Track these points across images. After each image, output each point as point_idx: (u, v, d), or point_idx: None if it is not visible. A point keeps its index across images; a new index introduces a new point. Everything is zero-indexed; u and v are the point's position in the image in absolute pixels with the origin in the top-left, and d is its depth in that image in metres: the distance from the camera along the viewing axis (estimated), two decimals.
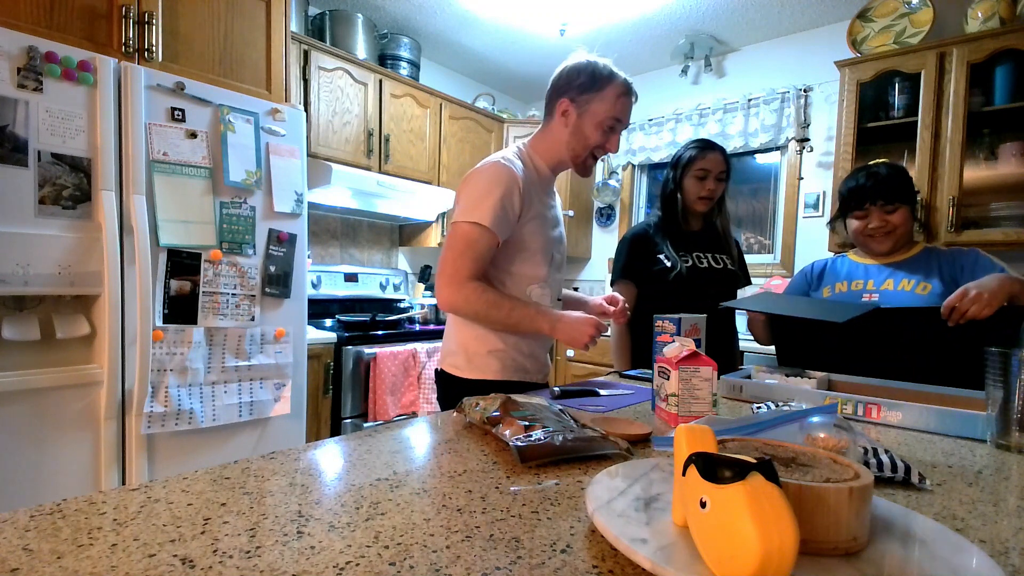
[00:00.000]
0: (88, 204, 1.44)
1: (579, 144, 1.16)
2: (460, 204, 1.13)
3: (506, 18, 2.82)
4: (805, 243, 2.84)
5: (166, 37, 1.69)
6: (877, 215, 1.33)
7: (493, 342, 1.17)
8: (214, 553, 0.41)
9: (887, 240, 1.34)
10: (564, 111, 1.16)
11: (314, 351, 2.08)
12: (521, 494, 0.54)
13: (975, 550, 0.40)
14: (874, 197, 1.32)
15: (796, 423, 0.63)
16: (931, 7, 2.28)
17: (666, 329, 0.97)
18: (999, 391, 0.75)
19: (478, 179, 1.12)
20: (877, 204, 1.32)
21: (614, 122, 1.15)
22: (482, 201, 1.08)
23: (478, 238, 1.08)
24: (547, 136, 1.21)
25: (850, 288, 1.37)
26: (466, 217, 1.09)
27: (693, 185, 1.58)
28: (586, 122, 1.15)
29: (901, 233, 1.33)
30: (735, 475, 0.34)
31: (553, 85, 1.19)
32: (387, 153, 2.67)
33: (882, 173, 1.33)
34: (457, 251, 1.09)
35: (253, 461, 0.61)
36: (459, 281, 1.09)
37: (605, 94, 1.13)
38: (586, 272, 3.74)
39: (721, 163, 1.56)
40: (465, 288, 1.08)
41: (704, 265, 1.58)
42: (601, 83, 1.13)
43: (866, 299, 1.31)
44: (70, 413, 1.45)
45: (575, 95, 1.14)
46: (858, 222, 1.36)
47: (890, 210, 1.32)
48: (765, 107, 2.88)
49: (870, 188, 1.32)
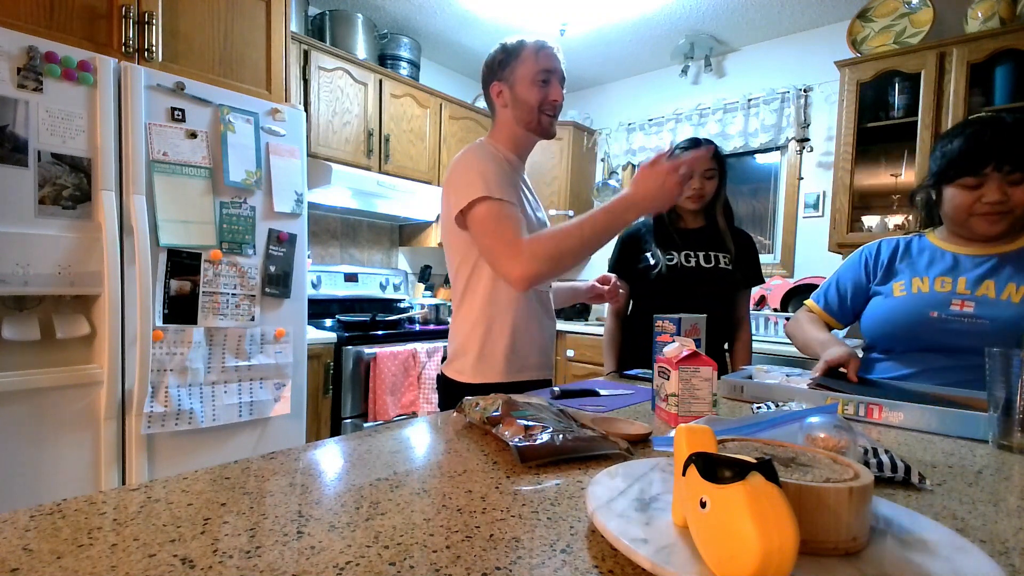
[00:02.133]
0: (88, 204, 1.44)
1: (524, 110, 1.17)
2: (455, 193, 1.10)
3: (506, 18, 2.82)
4: (805, 243, 2.84)
5: (166, 37, 1.69)
6: (997, 185, 0.94)
7: (500, 342, 1.16)
8: (214, 553, 0.41)
9: (1001, 222, 0.98)
10: (499, 92, 1.19)
11: (314, 351, 2.08)
12: (521, 494, 0.54)
13: (975, 550, 0.40)
14: (1000, 158, 0.93)
15: (796, 423, 0.63)
16: (931, 7, 2.28)
17: (666, 329, 0.97)
18: (1001, 392, 0.75)
19: (465, 164, 1.11)
20: (1003, 170, 0.93)
21: (545, 74, 1.15)
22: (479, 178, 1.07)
23: (498, 207, 1.06)
24: (498, 124, 1.23)
25: (933, 288, 1.03)
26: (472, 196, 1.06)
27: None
28: (519, 89, 1.16)
29: (1021, 215, 0.97)
30: (735, 475, 0.34)
31: (482, 82, 1.23)
32: (387, 153, 2.67)
33: (1008, 125, 0.94)
34: (492, 229, 1.05)
35: (253, 461, 0.61)
36: (517, 249, 1.02)
37: (522, 57, 1.15)
38: (586, 272, 3.74)
39: (707, 160, 1.51)
40: (525, 251, 1.02)
41: (691, 264, 1.55)
42: (514, 52, 1.16)
43: (956, 307, 1.00)
44: (70, 413, 1.45)
45: (499, 73, 1.18)
46: (966, 193, 0.98)
47: (1016, 180, 0.94)
48: (765, 107, 2.88)
49: (993, 146, 0.94)
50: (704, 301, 1.51)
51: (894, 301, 1.09)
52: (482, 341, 1.17)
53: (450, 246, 1.20)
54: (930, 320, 1.02)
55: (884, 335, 1.10)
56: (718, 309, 1.56)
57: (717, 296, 1.56)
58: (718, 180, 1.54)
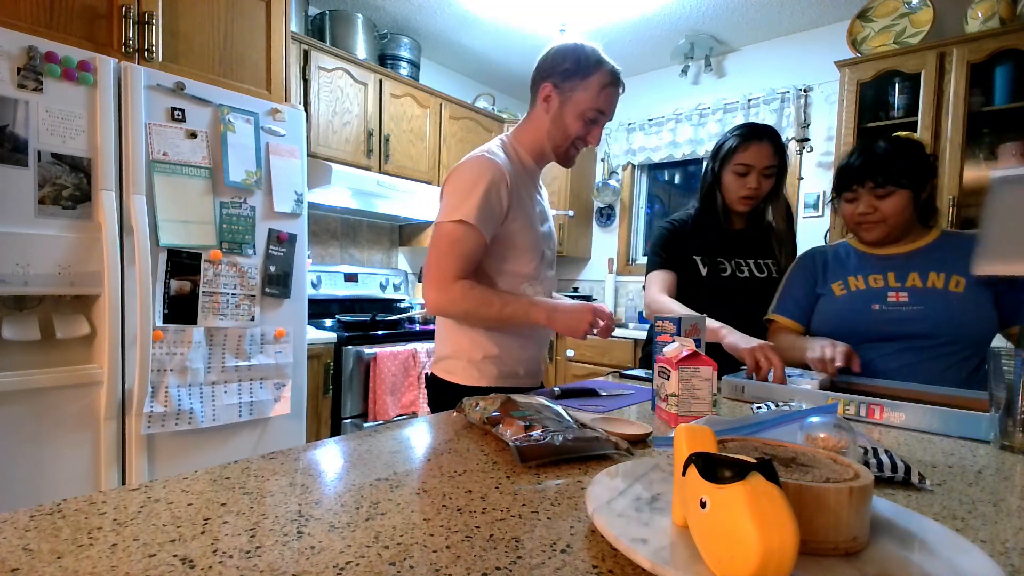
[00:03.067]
0: (88, 204, 1.44)
1: (559, 134, 1.12)
2: (444, 202, 1.09)
3: (506, 18, 2.82)
4: (805, 243, 2.80)
5: (166, 37, 1.69)
6: (866, 199, 1.14)
7: (488, 347, 1.14)
8: (214, 553, 0.41)
9: (875, 230, 1.16)
10: (546, 96, 1.11)
11: (314, 351, 2.08)
12: (521, 494, 0.54)
13: (975, 550, 0.40)
14: (862, 178, 1.13)
15: (796, 423, 0.63)
16: (931, 7, 2.29)
17: (666, 329, 0.97)
18: (1002, 392, 0.75)
19: (462, 175, 1.08)
20: (866, 186, 1.13)
21: (596, 114, 1.10)
22: (466, 198, 1.04)
23: (462, 236, 1.04)
24: (530, 125, 1.16)
25: (868, 285, 1.18)
26: (449, 216, 1.04)
27: (733, 182, 1.35)
28: (567, 111, 1.10)
29: (895, 223, 1.14)
30: (735, 475, 0.34)
31: (537, 68, 1.13)
32: (387, 153, 2.67)
33: (878, 149, 1.13)
34: (442, 251, 1.05)
35: (253, 461, 0.61)
36: (446, 282, 1.04)
37: (589, 82, 1.08)
38: (586, 272, 3.73)
39: (769, 156, 1.32)
40: (452, 289, 1.04)
41: (744, 274, 1.38)
42: (586, 70, 1.08)
43: (893, 299, 1.13)
44: (70, 413, 1.45)
45: (558, 80, 1.10)
46: (847, 206, 1.18)
47: (881, 195, 1.12)
48: (765, 107, 2.88)
49: (858, 167, 1.14)
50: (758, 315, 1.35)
51: (839, 300, 1.21)
52: (471, 344, 1.15)
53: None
54: (873, 312, 1.15)
55: (835, 331, 1.19)
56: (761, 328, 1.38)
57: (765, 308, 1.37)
58: (776, 178, 1.36)
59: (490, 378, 1.15)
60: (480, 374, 1.15)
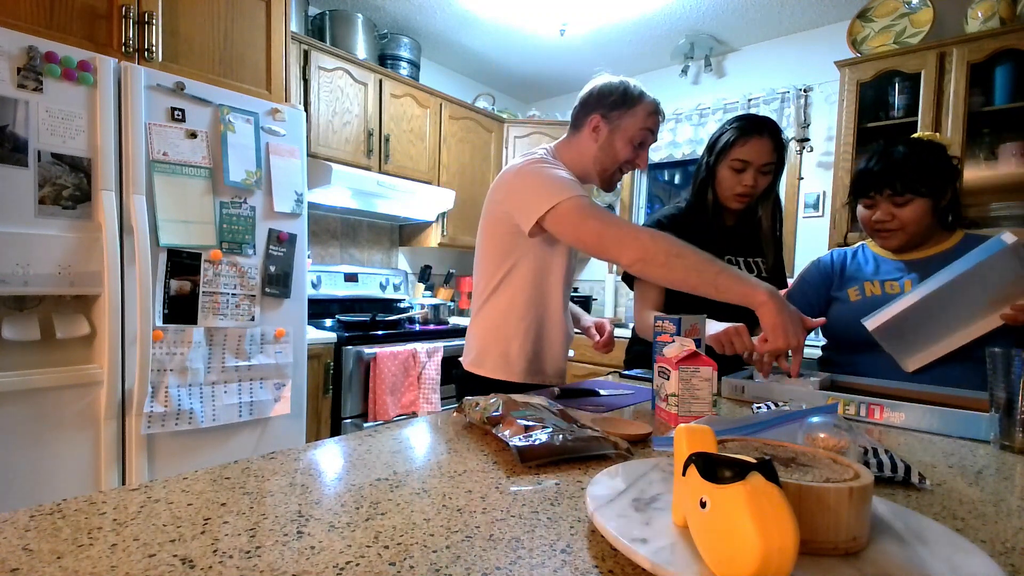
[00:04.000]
0: (88, 204, 1.44)
1: (608, 159, 1.18)
2: (527, 197, 1.06)
3: (506, 18, 2.82)
4: (805, 243, 2.84)
5: (166, 37, 1.69)
6: (884, 207, 1.12)
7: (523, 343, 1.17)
8: (214, 553, 0.41)
9: (893, 238, 1.15)
10: (595, 127, 1.17)
11: (314, 351, 2.08)
12: (521, 494, 0.54)
13: (975, 550, 0.40)
14: (880, 184, 1.11)
15: (796, 423, 0.63)
16: (931, 7, 2.28)
17: (666, 329, 0.97)
18: (1002, 392, 0.75)
19: (533, 171, 1.10)
20: (884, 194, 1.11)
21: (645, 134, 1.17)
22: (556, 182, 1.05)
23: (588, 202, 1.02)
24: (574, 147, 1.21)
25: (884, 291, 1.17)
26: (560, 196, 1.01)
27: (728, 177, 1.30)
28: (617, 137, 1.16)
29: (914, 232, 1.12)
30: (735, 475, 0.34)
31: (583, 101, 1.20)
32: (387, 153, 2.67)
33: (897, 155, 1.11)
34: (589, 216, 0.99)
35: (253, 461, 0.61)
36: (633, 231, 0.98)
37: (636, 111, 1.15)
38: (586, 272, 3.73)
39: (768, 152, 1.27)
40: (646, 233, 0.97)
41: None
42: (632, 101, 1.16)
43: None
44: (70, 413, 1.45)
45: (606, 111, 1.16)
46: (864, 211, 1.17)
47: (900, 203, 1.10)
48: (765, 107, 2.88)
49: (877, 173, 1.12)
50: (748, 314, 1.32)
51: (852, 305, 1.20)
52: (507, 340, 1.18)
53: (491, 245, 1.19)
54: None
55: (846, 337, 1.20)
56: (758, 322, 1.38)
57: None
58: (773, 176, 1.32)
59: (520, 374, 1.18)
60: (510, 368, 1.17)
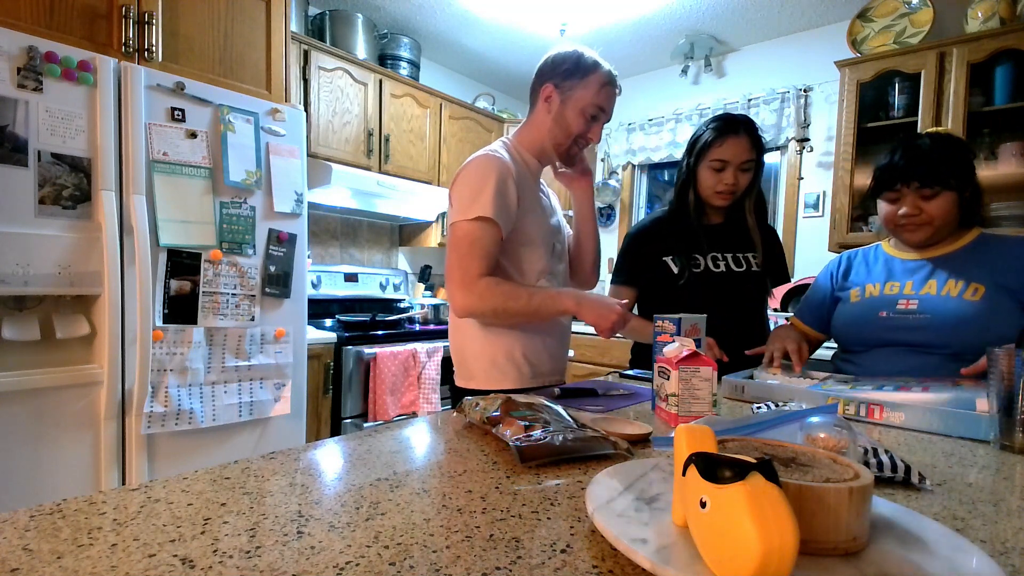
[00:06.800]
0: (88, 204, 1.44)
1: (561, 132, 1.15)
2: (455, 203, 1.10)
3: (506, 18, 2.82)
4: (805, 243, 2.84)
5: (166, 37, 1.69)
6: (911, 200, 1.08)
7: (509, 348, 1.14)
8: (214, 553, 0.41)
9: (919, 232, 1.11)
10: (547, 96, 1.14)
11: (314, 351, 2.08)
12: (521, 494, 0.54)
13: (975, 550, 0.40)
14: (907, 177, 1.07)
15: (796, 423, 0.63)
16: (931, 7, 2.28)
17: (666, 329, 0.97)
18: (1002, 392, 0.75)
19: (469, 174, 1.09)
20: (911, 186, 1.08)
21: (597, 110, 1.13)
22: (479, 194, 1.05)
23: (481, 233, 1.05)
24: (531, 126, 1.19)
25: (883, 292, 1.16)
26: (465, 215, 1.05)
27: (709, 177, 1.33)
28: (569, 109, 1.13)
29: (940, 225, 1.09)
30: (735, 475, 0.34)
31: (538, 71, 1.17)
32: (387, 153, 2.67)
33: (923, 146, 1.08)
34: (462, 251, 1.05)
35: (253, 461, 0.61)
36: (471, 281, 1.04)
37: (589, 81, 1.12)
38: None
39: (746, 151, 1.29)
40: (478, 287, 1.04)
41: (720, 268, 1.36)
42: (586, 70, 1.12)
43: (901, 306, 1.12)
44: (70, 413, 1.45)
45: (559, 80, 1.13)
46: (888, 206, 1.13)
47: (927, 195, 1.07)
48: (765, 107, 2.88)
49: (903, 166, 1.08)
50: (736, 309, 1.35)
51: (851, 306, 1.22)
52: (493, 348, 1.15)
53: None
54: (879, 319, 1.15)
55: (846, 336, 1.23)
56: (751, 317, 1.40)
57: (747, 303, 1.38)
58: (754, 173, 1.34)
59: (514, 380, 1.15)
60: (503, 376, 1.15)
